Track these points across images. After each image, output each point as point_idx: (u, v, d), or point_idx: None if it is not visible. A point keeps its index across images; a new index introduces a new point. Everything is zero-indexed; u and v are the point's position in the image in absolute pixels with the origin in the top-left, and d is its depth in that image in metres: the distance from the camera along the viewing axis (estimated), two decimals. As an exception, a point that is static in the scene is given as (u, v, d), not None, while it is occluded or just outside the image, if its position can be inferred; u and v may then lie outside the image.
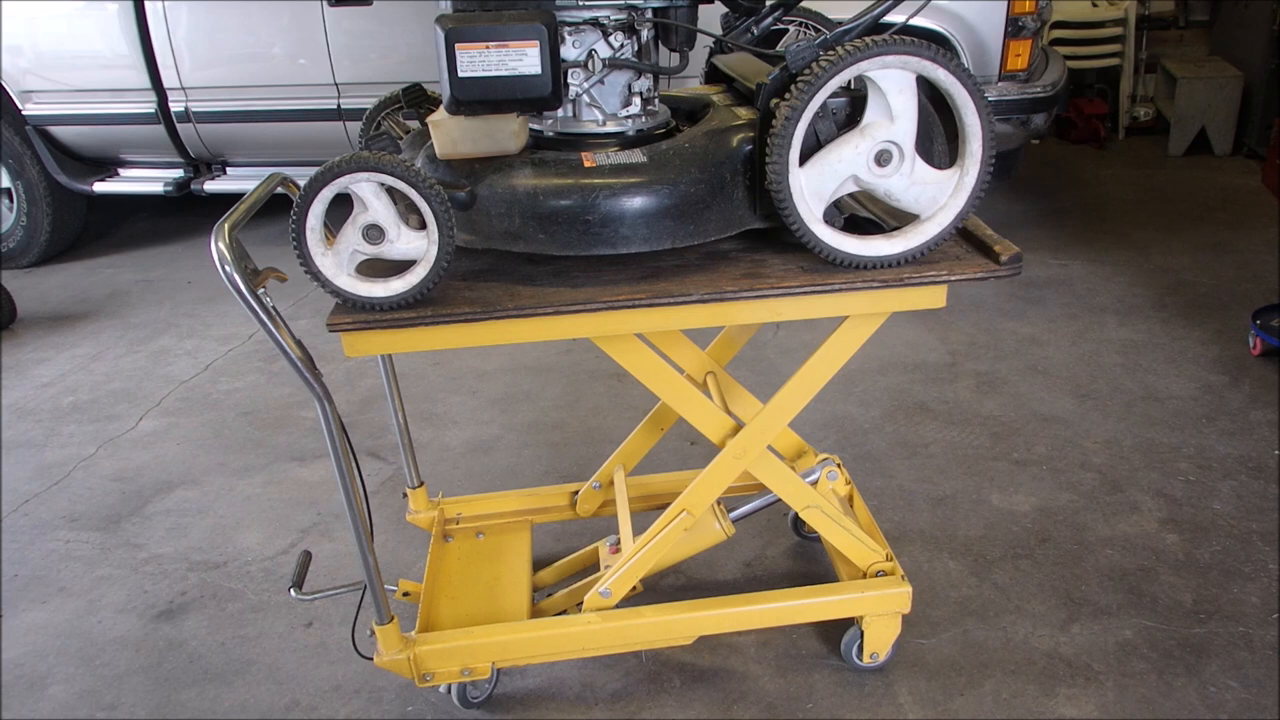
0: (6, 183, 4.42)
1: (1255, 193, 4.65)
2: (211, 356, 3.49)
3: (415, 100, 1.74)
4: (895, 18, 1.42)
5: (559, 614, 1.93)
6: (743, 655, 1.97)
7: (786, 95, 1.33)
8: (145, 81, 4.13)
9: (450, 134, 1.42)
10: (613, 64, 1.47)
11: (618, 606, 1.79)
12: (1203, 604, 2.04)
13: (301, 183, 1.33)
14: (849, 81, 1.33)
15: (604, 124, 1.52)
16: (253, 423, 3.01)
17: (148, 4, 3.99)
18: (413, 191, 1.30)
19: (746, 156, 1.43)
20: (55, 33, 4.12)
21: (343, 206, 1.33)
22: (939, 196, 1.41)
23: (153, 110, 4.19)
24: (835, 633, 1.94)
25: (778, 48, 1.59)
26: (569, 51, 1.46)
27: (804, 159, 1.37)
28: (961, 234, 1.53)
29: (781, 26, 1.74)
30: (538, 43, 1.32)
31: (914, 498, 2.45)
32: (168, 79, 4.11)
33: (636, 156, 1.42)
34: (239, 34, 4.01)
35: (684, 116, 1.65)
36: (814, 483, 1.87)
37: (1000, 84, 3.69)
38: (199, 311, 3.92)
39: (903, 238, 1.43)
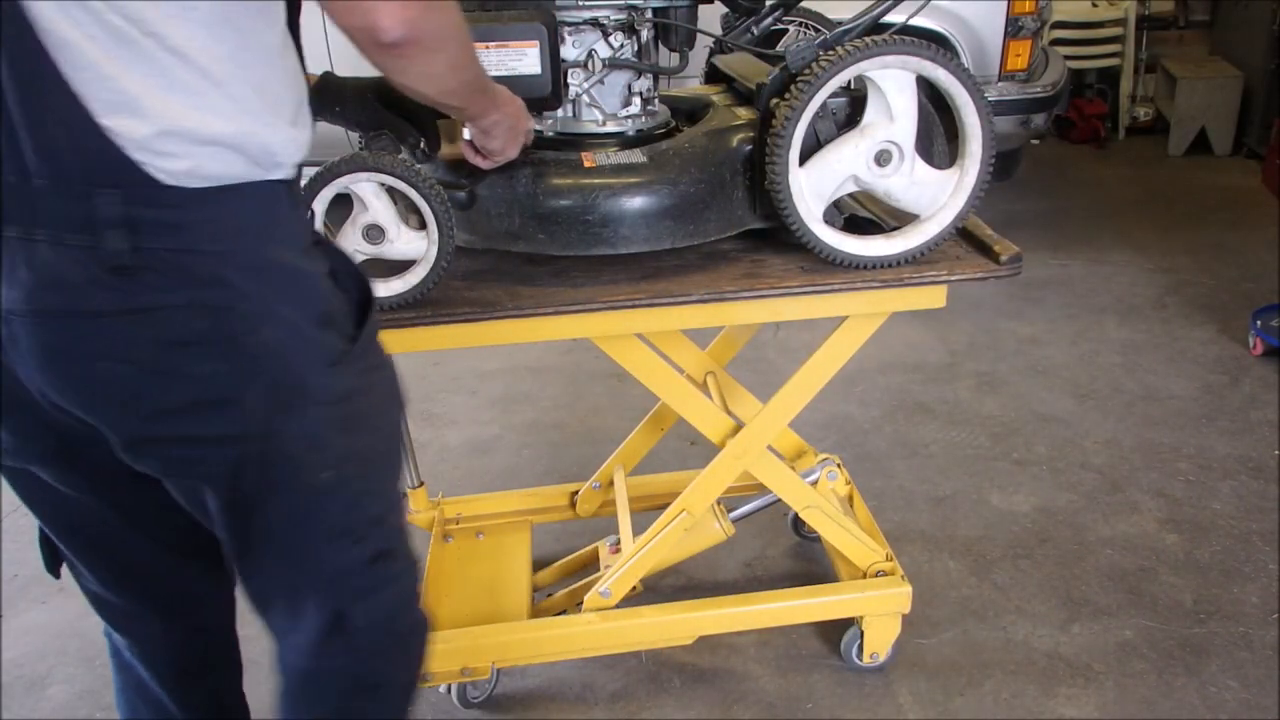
0: (6, 183, 4.42)
1: (1255, 193, 4.65)
2: (211, 356, 3.49)
3: (415, 100, 1.74)
4: (895, 18, 1.42)
5: (559, 614, 1.93)
6: (743, 655, 1.96)
7: (786, 95, 1.33)
8: (145, 81, 4.12)
9: (450, 134, 1.42)
10: (613, 64, 1.47)
11: (618, 606, 1.79)
12: (1203, 604, 2.04)
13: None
14: (849, 81, 1.33)
15: (604, 124, 1.52)
16: (253, 423, 3.00)
17: (148, 4, 3.98)
18: (413, 191, 1.30)
19: (746, 156, 1.43)
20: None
21: (343, 207, 1.33)
22: (939, 196, 1.41)
23: (153, 110, 4.18)
24: (835, 633, 1.94)
25: (778, 48, 1.59)
26: (569, 51, 1.46)
27: (804, 159, 1.37)
28: (961, 234, 1.53)
29: (781, 26, 1.73)
30: (538, 43, 1.32)
31: (914, 498, 2.45)
32: (168, 79, 4.10)
33: (636, 156, 1.42)
34: (239, 34, 4.00)
35: (684, 116, 1.65)
36: (814, 483, 1.88)
37: (1000, 84, 3.69)
38: (199, 311, 3.91)
39: (903, 238, 1.43)
